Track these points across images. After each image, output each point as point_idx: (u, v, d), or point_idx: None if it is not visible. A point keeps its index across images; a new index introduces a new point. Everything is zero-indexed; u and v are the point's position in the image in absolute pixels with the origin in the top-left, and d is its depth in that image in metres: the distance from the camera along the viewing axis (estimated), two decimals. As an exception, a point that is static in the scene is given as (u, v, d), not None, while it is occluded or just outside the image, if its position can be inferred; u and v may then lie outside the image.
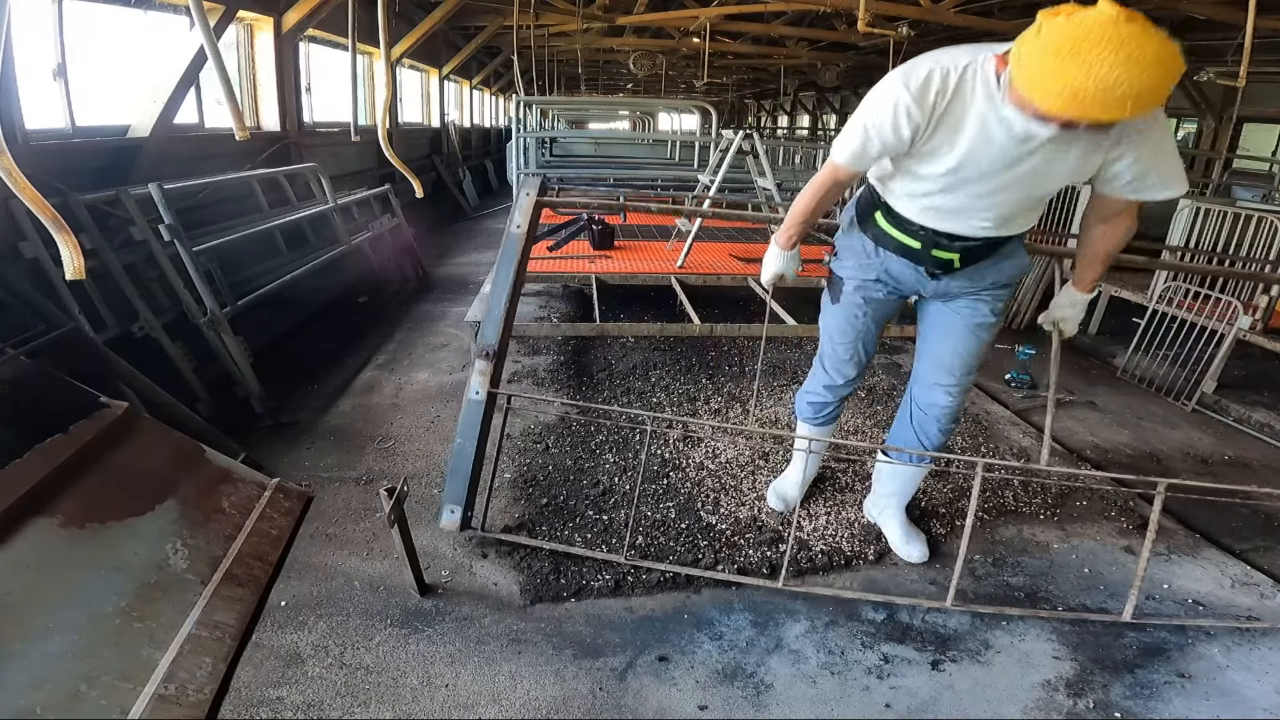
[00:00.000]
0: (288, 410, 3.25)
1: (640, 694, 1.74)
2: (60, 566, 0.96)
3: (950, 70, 1.56)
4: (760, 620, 2.00)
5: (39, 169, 2.54)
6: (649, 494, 2.59)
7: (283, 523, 1.22)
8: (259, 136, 5.26)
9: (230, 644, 0.96)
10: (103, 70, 3.79)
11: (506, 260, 2.37)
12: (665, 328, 3.60)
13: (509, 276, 2.35)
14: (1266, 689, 1.82)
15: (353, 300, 4.88)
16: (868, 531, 2.41)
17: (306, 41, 6.07)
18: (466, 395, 2.27)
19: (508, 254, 2.37)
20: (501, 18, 8.65)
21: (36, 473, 1.03)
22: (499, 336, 2.29)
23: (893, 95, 1.60)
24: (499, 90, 16.11)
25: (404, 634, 1.90)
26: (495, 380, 2.29)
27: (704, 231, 4.71)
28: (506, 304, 2.32)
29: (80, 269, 1.99)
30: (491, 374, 2.27)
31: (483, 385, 2.25)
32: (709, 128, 6.18)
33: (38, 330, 2.55)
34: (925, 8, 6.44)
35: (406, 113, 9.46)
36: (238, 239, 3.67)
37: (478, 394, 2.25)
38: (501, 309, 2.32)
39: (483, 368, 2.26)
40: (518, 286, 2.39)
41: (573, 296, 5.32)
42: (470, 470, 2.22)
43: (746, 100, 22.82)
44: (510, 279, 2.34)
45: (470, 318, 3.31)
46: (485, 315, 2.38)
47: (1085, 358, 4.64)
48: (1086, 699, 1.77)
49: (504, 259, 2.38)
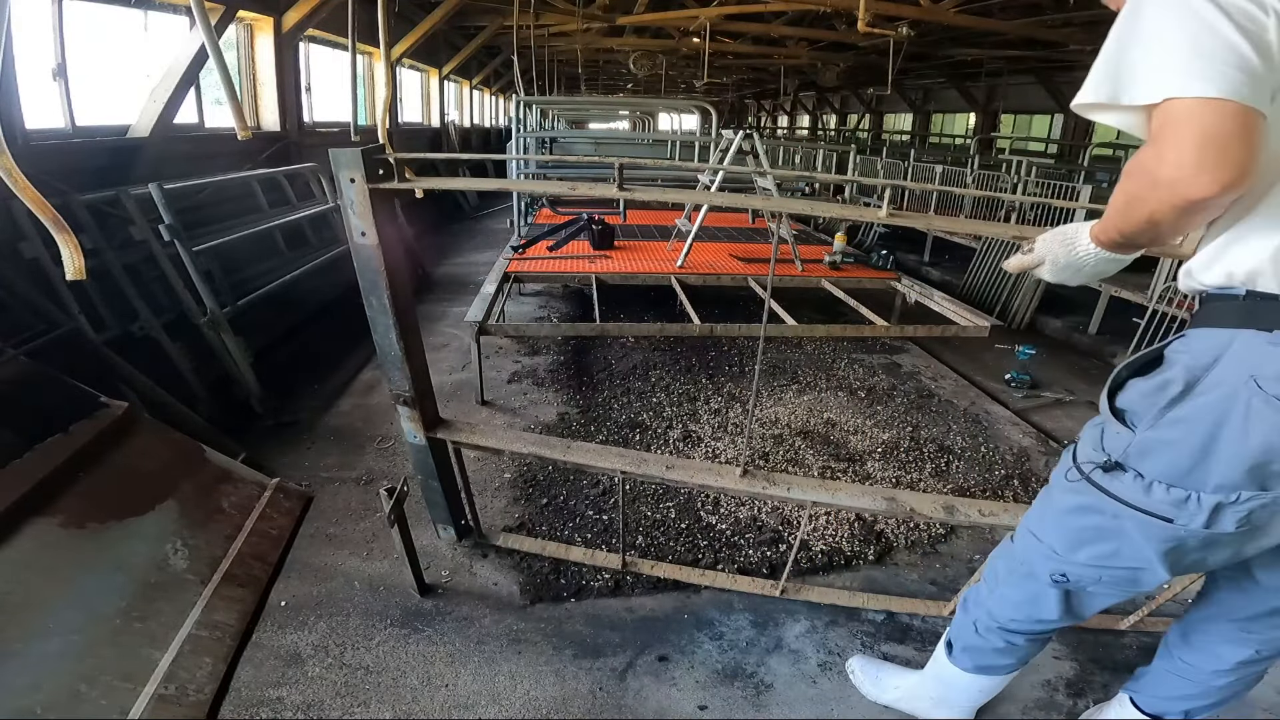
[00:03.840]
0: (288, 410, 3.25)
1: (640, 694, 1.74)
2: (60, 566, 0.96)
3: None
4: (760, 620, 2.00)
5: (39, 169, 2.54)
6: (649, 494, 2.59)
7: (283, 523, 1.22)
8: (259, 136, 5.26)
9: (230, 644, 0.95)
10: (103, 70, 3.79)
11: (369, 283, 1.67)
12: (665, 328, 3.61)
13: (383, 304, 1.68)
14: (1266, 689, 1.82)
15: (353, 300, 4.85)
16: (868, 531, 2.41)
17: (306, 41, 6.07)
18: (406, 438, 1.99)
19: (366, 274, 1.65)
20: (501, 18, 8.65)
21: (36, 473, 1.03)
22: (407, 376, 1.81)
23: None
24: (499, 90, 16.11)
25: (404, 634, 1.90)
26: (430, 422, 1.96)
27: (704, 231, 4.72)
28: (396, 338, 1.73)
29: (81, 269, 1.98)
30: (421, 416, 1.91)
31: (417, 430, 1.94)
32: (709, 128, 6.17)
33: (38, 330, 2.55)
34: (925, 8, 6.44)
35: (407, 113, 9.46)
36: (238, 239, 3.67)
37: (416, 439, 1.96)
38: (395, 348, 1.75)
39: (407, 414, 1.91)
40: (404, 314, 1.73)
41: (573, 296, 5.32)
42: (444, 499, 2.11)
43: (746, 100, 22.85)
44: (387, 307, 1.67)
45: (470, 318, 3.31)
46: (380, 356, 1.83)
47: (1085, 358, 4.64)
48: (1086, 699, 1.77)
49: (366, 283, 1.67)
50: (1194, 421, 0.99)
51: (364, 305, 1.71)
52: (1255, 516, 0.99)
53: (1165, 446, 1.02)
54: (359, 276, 1.66)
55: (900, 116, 17.07)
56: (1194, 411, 0.99)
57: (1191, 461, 1.00)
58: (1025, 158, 8.46)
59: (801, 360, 4.13)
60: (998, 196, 4.04)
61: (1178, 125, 0.82)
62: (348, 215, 1.56)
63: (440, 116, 10.55)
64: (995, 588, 1.39)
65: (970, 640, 1.46)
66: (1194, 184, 0.81)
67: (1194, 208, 0.84)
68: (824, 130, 19.65)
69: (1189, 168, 0.81)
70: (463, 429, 2.03)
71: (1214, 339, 0.98)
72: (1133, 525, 1.07)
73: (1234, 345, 0.95)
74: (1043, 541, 1.23)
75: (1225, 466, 0.97)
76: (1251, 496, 0.97)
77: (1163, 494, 1.03)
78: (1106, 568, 1.15)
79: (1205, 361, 0.98)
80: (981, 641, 1.43)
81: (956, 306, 3.76)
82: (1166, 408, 1.02)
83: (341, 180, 1.51)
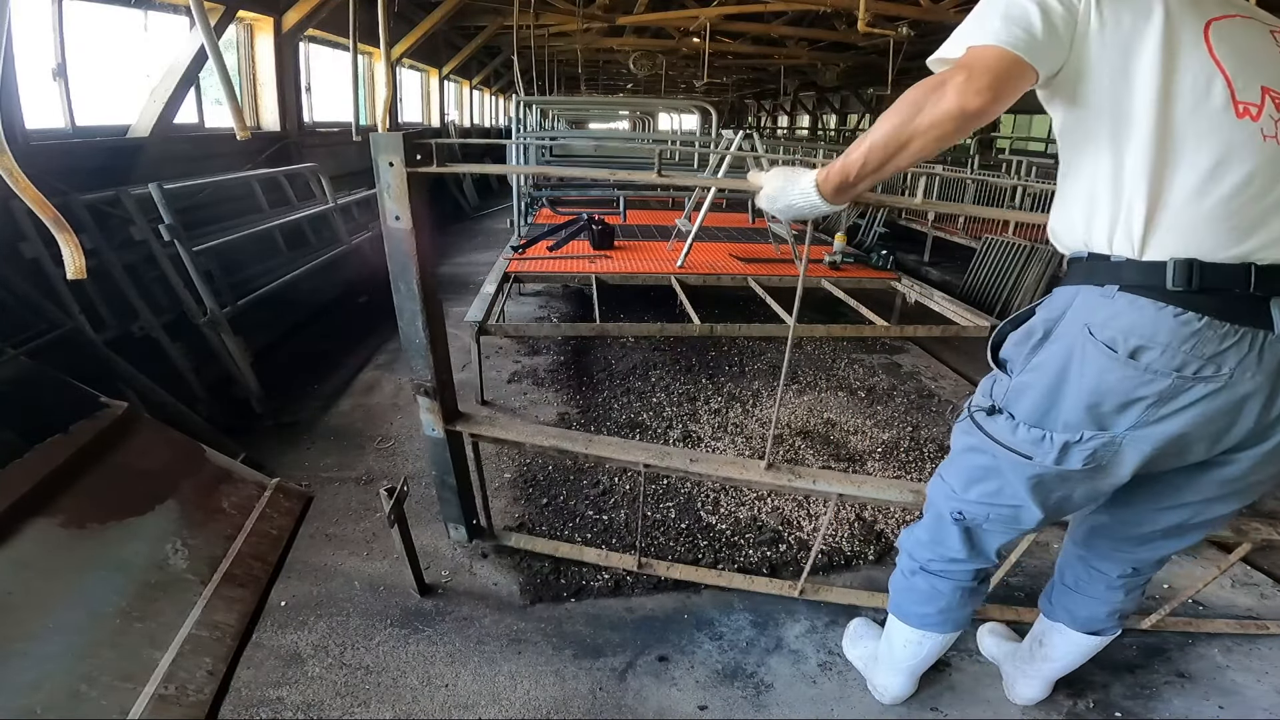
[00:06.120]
0: (288, 410, 3.25)
1: (640, 694, 1.74)
2: (60, 566, 0.96)
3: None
4: (760, 620, 2.00)
5: (39, 169, 2.54)
6: (649, 494, 2.59)
7: (283, 523, 1.22)
8: (259, 136, 5.26)
9: (230, 644, 0.95)
10: (103, 70, 3.79)
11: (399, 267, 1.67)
12: (665, 328, 3.60)
13: (411, 289, 1.68)
14: (1266, 689, 1.82)
15: (353, 300, 4.88)
16: (868, 531, 2.41)
17: (306, 41, 6.07)
18: (424, 430, 1.96)
19: (397, 258, 1.66)
20: (501, 18, 8.65)
21: (36, 473, 1.03)
22: (430, 365, 1.79)
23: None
24: (499, 90, 16.11)
25: (404, 634, 1.90)
26: (450, 414, 1.94)
27: (704, 231, 4.72)
28: (422, 325, 1.72)
29: (81, 269, 1.99)
30: (441, 408, 1.90)
31: (436, 423, 1.91)
32: (709, 128, 6.17)
33: (38, 330, 2.55)
34: (925, 8, 6.45)
35: (407, 113, 9.46)
36: (238, 239, 3.67)
37: (434, 431, 1.94)
38: (420, 335, 1.74)
39: (427, 405, 1.89)
40: (431, 301, 1.74)
41: (573, 296, 5.32)
42: (458, 496, 2.08)
43: (746, 100, 22.83)
44: (415, 292, 1.68)
45: (470, 318, 3.31)
46: (404, 343, 1.81)
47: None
48: (1086, 699, 1.77)
49: (396, 267, 1.67)
50: (1046, 366, 1.13)
51: (391, 291, 1.72)
52: (1098, 455, 1.11)
53: (1027, 389, 1.16)
54: (389, 261, 1.67)
55: (900, 116, 17.03)
56: (1047, 358, 1.13)
57: (1046, 403, 1.13)
58: (1025, 158, 8.47)
59: (801, 360, 4.13)
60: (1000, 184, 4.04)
61: (970, 60, 1.00)
62: (383, 199, 1.58)
63: (440, 116, 10.55)
64: (914, 530, 1.52)
65: (898, 584, 1.57)
66: (970, 98, 0.97)
67: (964, 119, 0.99)
68: (824, 130, 19.63)
69: (969, 85, 0.97)
70: (482, 422, 2.00)
71: (1066, 295, 1.12)
72: (1006, 464, 1.21)
73: (1077, 299, 1.10)
74: (945, 481, 1.37)
75: (1069, 406, 1.10)
76: (1093, 436, 1.10)
77: (1025, 433, 1.16)
78: (993, 505, 1.28)
79: (1056, 314, 1.13)
80: (907, 584, 1.53)
81: (956, 306, 3.76)
82: (1029, 354, 1.17)
83: (380, 164, 1.54)
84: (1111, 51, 1.00)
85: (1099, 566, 1.49)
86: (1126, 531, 1.40)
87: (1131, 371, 1.03)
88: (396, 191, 1.56)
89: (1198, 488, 1.22)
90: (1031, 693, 1.73)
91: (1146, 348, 1.01)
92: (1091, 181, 1.07)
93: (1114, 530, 1.42)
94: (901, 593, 1.56)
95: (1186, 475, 1.21)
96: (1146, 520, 1.34)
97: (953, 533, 1.38)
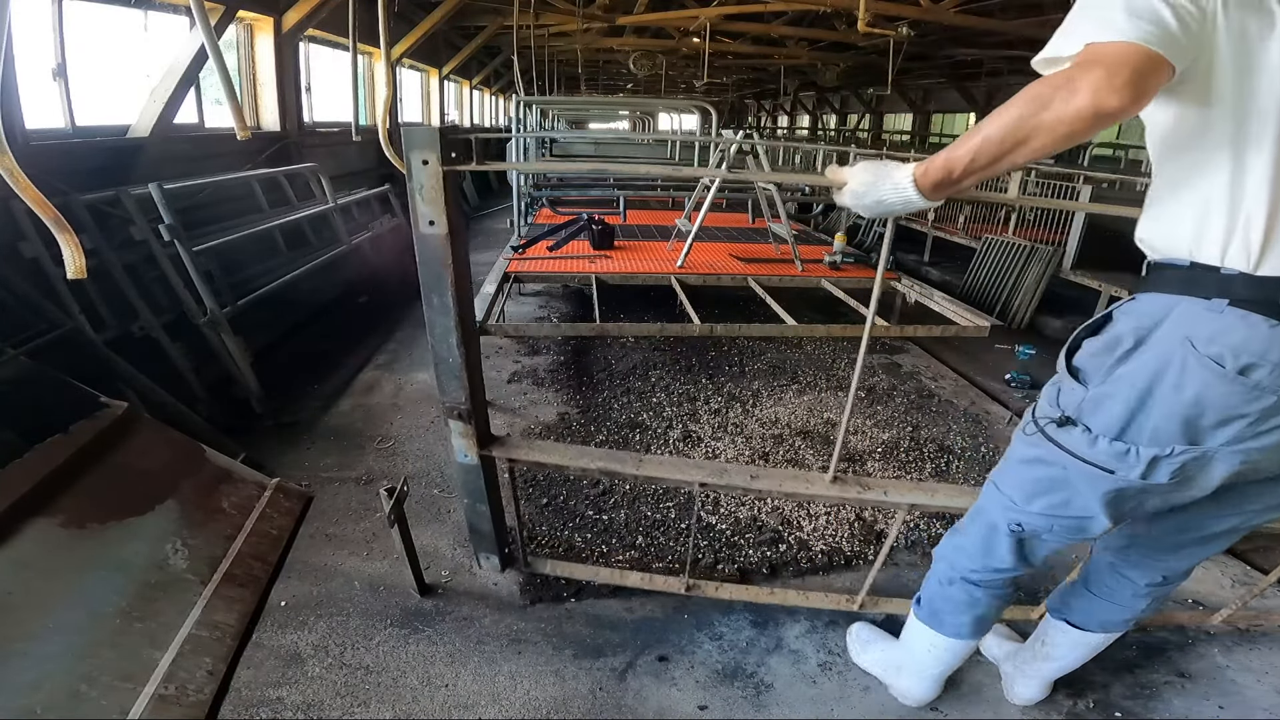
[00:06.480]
0: (288, 410, 3.25)
1: (640, 694, 1.74)
2: (60, 566, 0.96)
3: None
4: (760, 620, 2.00)
5: (39, 169, 2.54)
6: (649, 494, 2.59)
7: (283, 523, 1.22)
8: (259, 136, 5.26)
9: (230, 644, 0.95)
10: (103, 70, 3.79)
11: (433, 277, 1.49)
12: (665, 328, 3.60)
13: (445, 303, 1.51)
14: (1266, 689, 1.82)
15: (353, 300, 4.89)
16: (868, 531, 2.41)
17: (306, 41, 6.08)
18: (455, 457, 1.84)
19: (430, 268, 1.48)
20: (501, 18, 8.66)
21: (36, 473, 1.03)
22: (465, 387, 1.62)
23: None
24: (499, 90, 16.12)
25: (404, 634, 1.90)
26: (484, 439, 1.81)
27: (704, 231, 4.71)
28: (456, 343, 1.55)
29: (82, 268, 1.98)
30: (475, 433, 1.76)
31: (469, 449, 1.78)
32: (709, 128, 6.17)
33: (38, 330, 2.55)
34: (925, 8, 6.45)
35: (407, 113, 9.46)
36: (238, 239, 3.67)
37: (466, 457, 1.81)
38: (455, 354, 1.56)
39: (460, 429, 1.76)
40: (466, 316, 1.56)
41: (573, 296, 5.33)
42: (491, 524, 1.99)
43: (746, 100, 22.84)
44: (450, 307, 1.50)
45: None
46: (436, 362, 1.64)
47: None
48: (1086, 699, 1.77)
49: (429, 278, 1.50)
50: (1133, 378, 1.07)
51: (423, 304, 1.52)
52: (1187, 469, 1.07)
53: (1109, 400, 1.10)
54: (421, 270, 1.48)
55: (900, 117, 17.06)
56: (1136, 368, 1.07)
57: (1130, 415, 1.08)
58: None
59: (801, 360, 4.13)
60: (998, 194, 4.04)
61: (1099, 56, 0.90)
62: (415, 202, 1.39)
63: (440, 116, 10.55)
64: (957, 539, 1.48)
65: (933, 592, 1.54)
66: (1107, 97, 0.88)
67: (1097, 119, 0.90)
68: (824, 130, 19.64)
69: (1108, 82, 0.88)
70: (520, 446, 1.86)
71: (1160, 303, 1.06)
72: (1079, 476, 1.16)
73: (1176, 310, 1.03)
74: (1002, 492, 1.32)
75: (1160, 419, 1.06)
76: (1184, 450, 1.06)
77: (1105, 446, 1.11)
78: (1058, 517, 1.24)
79: (1150, 323, 1.07)
80: (944, 593, 1.51)
81: (956, 306, 3.76)
82: (1116, 364, 1.10)
83: (413, 162, 1.35)
84: (1238, 54, 0.94)
85: (1129, 574, 1.47)
86: (1167, 539, 1.36)
87: (1239, 388, 0.99)
88: (431, 193, 1.36)
89: (1262, 496, 1.21)
90: (1030, 693, 1.73)
91: (1257, 365, 0.97)
92: (1206, 189, 1.00)
93: (1156, 538, 1.38)
94: (936, 600, 1.53)
95: (1258, 485, 1.19)
96: (1194, 526, 1.31)
97: (1005, 544, 1.35)
